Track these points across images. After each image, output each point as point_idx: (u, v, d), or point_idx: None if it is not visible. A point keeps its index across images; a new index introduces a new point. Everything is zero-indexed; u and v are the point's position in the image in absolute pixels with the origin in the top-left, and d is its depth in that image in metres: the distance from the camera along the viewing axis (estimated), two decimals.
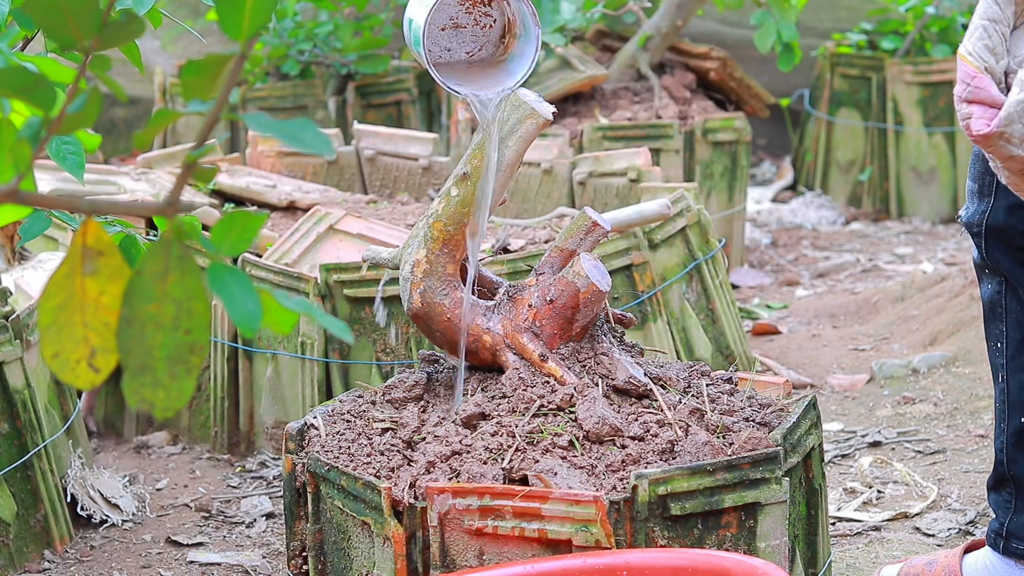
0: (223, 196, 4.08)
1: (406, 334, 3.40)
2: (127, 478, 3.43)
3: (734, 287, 4.86)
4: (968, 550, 2.77)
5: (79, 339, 1.21)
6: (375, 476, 2.21)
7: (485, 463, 2.19)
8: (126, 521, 3.24)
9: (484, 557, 2.12)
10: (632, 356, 2.41)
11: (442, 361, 2.46)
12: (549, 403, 2.28)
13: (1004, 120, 2.29)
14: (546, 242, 3.53)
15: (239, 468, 3.53)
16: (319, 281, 3.41)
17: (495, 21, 2.43)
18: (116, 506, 3.27)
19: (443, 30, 2.41)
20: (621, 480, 2.15)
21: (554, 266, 2.40)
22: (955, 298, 4.32)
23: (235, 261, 3.54)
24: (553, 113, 2.36)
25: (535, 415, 2.26)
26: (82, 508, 3.20)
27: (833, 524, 3.12)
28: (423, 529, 2.15)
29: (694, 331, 3.65)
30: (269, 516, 3.27)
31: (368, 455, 2.27)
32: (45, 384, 3.19)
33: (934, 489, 3.25)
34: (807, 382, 3.97)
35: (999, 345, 2.66)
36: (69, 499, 3.18)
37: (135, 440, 3.69)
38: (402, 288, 2.37)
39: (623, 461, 2.18)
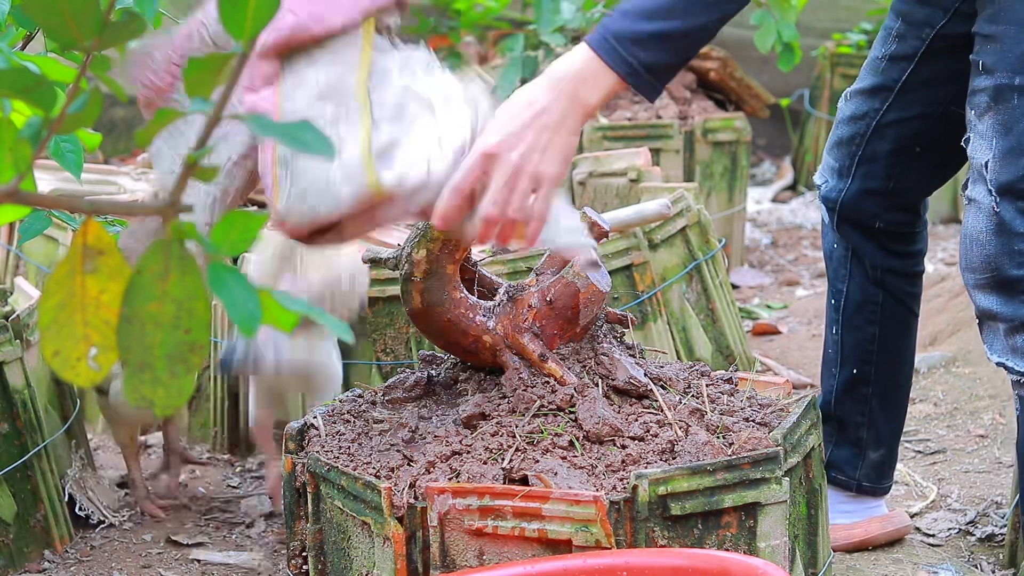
0: None
1: (406, 334, 3.40)
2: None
3: (734, 287, 4.86)
4: None
5: (79, 337, 1.21)
6: (375, 476, 2.21)
7: (485, 463, 2.19)
8: (126, 521, 3.24)
9: (484, 557, 2.12)
10: (632, 356, 2.41)
11: (442, 361, 2.46)
12: (549, 403, 2.27)
13: None
14: None
15: (239, 468, 3.53)
16: None
17: None
18: None
19: None
20: (621, 480, 2.15)
21: (554, 267, 2.40)
22: (955, 298, 4.32)
23: (235, 261, 3.54)
24: None
25: (535, 415, 2.26)
26: (81, 508, 3.20)
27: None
28: (423, 529, 2.15)
29: (694, 331, 3.65)
30: (269, 516, 3.27)
31: (368, 455, 2.27)
32: (45, 384, 3.18)
33: (934, 489, 3.25)
34: (807, 382, 3.96)
35: (834, 302, 2.93)
36: (68, 499, 3.18)
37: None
38: (402, 288, 2.37)
39: (623, 461, 2.18)
